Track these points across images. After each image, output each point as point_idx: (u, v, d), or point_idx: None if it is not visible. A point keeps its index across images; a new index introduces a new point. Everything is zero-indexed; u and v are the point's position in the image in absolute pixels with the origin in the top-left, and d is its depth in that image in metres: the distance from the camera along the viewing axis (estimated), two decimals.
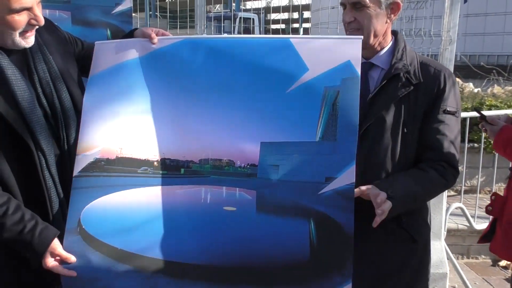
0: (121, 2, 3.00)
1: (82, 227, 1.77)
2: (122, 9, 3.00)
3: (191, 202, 1.83)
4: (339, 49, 1.79)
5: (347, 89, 1.75)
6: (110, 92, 1.88)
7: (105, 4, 2.97)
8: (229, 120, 1.84)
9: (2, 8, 1.61)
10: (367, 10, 1.83)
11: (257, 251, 1.75)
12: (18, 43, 1.70)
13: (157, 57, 1.91)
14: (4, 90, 1.68)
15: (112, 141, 1.85)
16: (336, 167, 1.72)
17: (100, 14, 2.96)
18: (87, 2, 2.94)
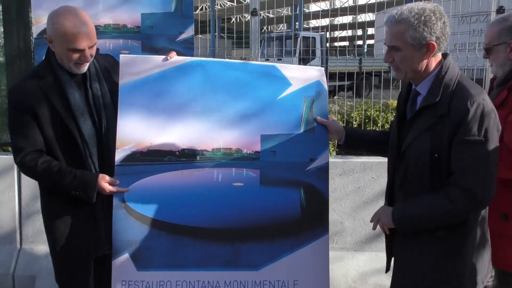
0: (184, 30, 3.30)
1: (126, 203, 2.38)
2: (185, 37, 3.30)
3: (206, 181, 2.43)
4: (310, 73, 2.54)
5: (319, 97, 2.51)
6: (139, 99, 2.43)
7: (171, 33, 3.29)
8: (235, 119, 2.47)
9: (64, 44, 2.24)
10: (401, 52, 1.98)
11: (261, 214, 2.43)
12: (72, 69, 2.32)
13: (175, 71, 2.47)
14: (63, 99, 2.31)
15: (143, 138, 2.42)
16: (316, 151, 2.48)
17: (166, 42, 3.29)
18: (155, 32, 3.28)
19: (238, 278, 2.41)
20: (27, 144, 2.29)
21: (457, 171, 1.91)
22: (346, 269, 3.69)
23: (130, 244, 2.37)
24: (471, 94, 1.90)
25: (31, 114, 2.27)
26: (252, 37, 3.72)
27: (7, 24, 3.60)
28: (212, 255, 2.40)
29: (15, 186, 3.72)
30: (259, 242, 2.42)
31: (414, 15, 1.92)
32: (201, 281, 2.39)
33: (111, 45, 3.29)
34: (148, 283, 2.37)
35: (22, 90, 2.30)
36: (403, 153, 2.08)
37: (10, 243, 3.75)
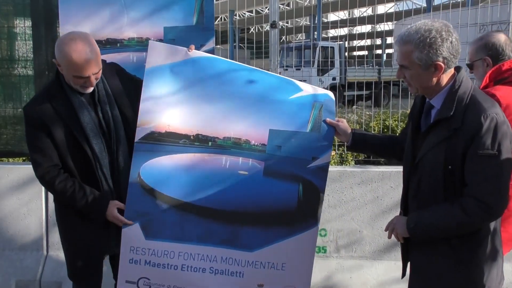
0: (205, 43, 3.37)
1: (141, 177, 2.57)
2: (206, 49, 3.34)
3: (215, 166, 2.62)
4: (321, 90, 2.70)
5: (328, 105, 2.64)
6: (161, 84, 2.58)
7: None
8: (248, 112, 2.63)
9: (70, 72, 2.38)
10: (410, 71, 2.05)
11: (261, 202, 2.61)
12: (80, 90, 2.46)
13: (196, 62, 2.63)
14: (75, 118, 2.46)
15: (162, 119, 2.58)
16: (318, 151, 2.62)
17: None
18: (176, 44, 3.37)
19: (233, 256, 2.63)
20: (44, 160, 2.46)
21: (471, 183, 1.96)
22: (365, 278, 3.71)
23: (141, 215, 2.57)
24: (484, 108, 1.94)
25: (45, 131, 2.43)
26: (271, 49, 3.80)
27: (36, 39, 3.75)
28: (213, 233, 2.62)
29: (42, 195, 3.85)
30: (256, 227, 2.63)
31: (420, 37, 1.96)
32: (201, 254, 2.62)
33: (134, 58, 3.40)
34: (154, 251, 2.59)
35: (35, 109, 2.46)
36: (417, 164, 2.13)
37: (38, 250, 3.87)
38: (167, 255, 2.60)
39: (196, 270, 2.61)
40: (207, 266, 2.62)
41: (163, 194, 2.58)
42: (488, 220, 2.02)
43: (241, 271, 2.64)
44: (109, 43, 3.35)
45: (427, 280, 2.16)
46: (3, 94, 3.89)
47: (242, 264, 2.64)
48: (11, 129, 3.93)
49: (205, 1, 3.37)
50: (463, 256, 2.06)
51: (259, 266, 2.64)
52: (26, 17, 3.76)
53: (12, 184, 3.84)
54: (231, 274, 2.64)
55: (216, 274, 2.63)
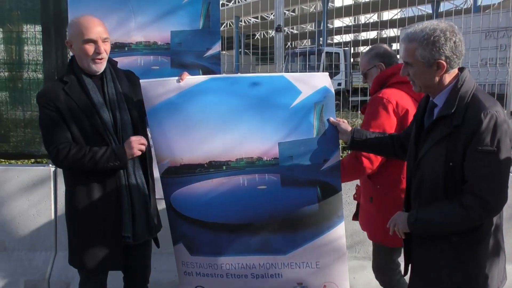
0: (211, 47, 3.47)
1: (172, 206, 2.79)
2: (212, 52, 3.48)
3: (234, 187, 2.72)
4: (316, 79, 2.69)
5: (328, 102, 2.68)
6: (165, 121, 2.67)
7: (198, 49, 3.47)
8: (253, 130, 2.68)
9: (79, 38, 2.51)
10: (414, 68, 2.11)
11: (284, 211, 2.73)
12: (92, 67, 2.57)
13: (193, 92, 2.66)
14: (85, 98, 2.56)
15: (175, 155, 2.71)
16: (328, 152, 2.69)
17: (194, 58, 3.47)
18: (183, 48, 3.46)
19: (269, 261, 2.81)
20: (58, 138, 2.54)
21: (470, 179, 2.00)
22: (368, 278, 3.74)
23: (182, 237, 2.85)
24: (485, 106, 1.98)
25: (58, 113, 2.53)
26: (276, 53, 3.86)
27: (46, 44, 3.83)
28: (246, 245, 2.79)
29: (52, 196, 3.92)
30: (284, 234, 2.76)
31: (424, 35, 2.03)
32: (240, 263, 2.82)
33: (142, 61, 3.48)
34: (201, 264, 2.86)
35: (49, 93, 2.58)
36: (419, 161, 2.18)
37: (46, 250, 3.95)
38: (212, 267, 2.84)
39: (239, 277, 2.85)
40: (248, 273, 2.84)
41: (193, 219, 2.79)
42: (487, 217, 2.05)
43: (279, 272, 2.82)
44: (117, 47, 3.44)
45: (428, 276, 2.20)
46: (14, 97, 3.98)
47: (279, 266, 2.81)
48: (21, 131, 4.01)
49: (211, 5, 3.45)
50: (463, 252, 2.09)
51: (295, 266, 2.80)
52: (36, 22, 3.86)
53: (22, 185, 3.91)
54: (271, 276, 2.83)
55: (257, 278, 2.84)
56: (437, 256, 2.15)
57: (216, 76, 2.83)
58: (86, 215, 2.63)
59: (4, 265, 3.89)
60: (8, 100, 4.02)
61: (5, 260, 3.90)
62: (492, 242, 2.12)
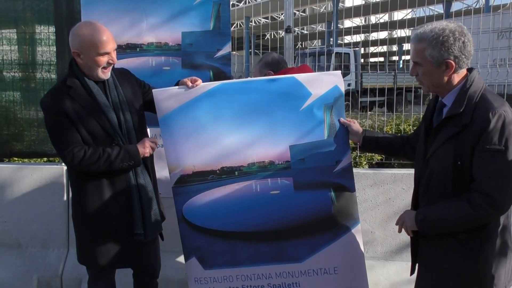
0: (222, 47, 3.50)
1: (185, 217, 2.76)
2: (222, 53, 3.51)
3: (246, 193, 2.71)
4: (328, 78, 2.70)
5: (338, 103, 2.69)
6: (176, 129, 2.69)
7: (209, 50, 3.50)
8: (264, 134, 2.69)
9: (93, 52, 2.54)
10: (423, 68, 2.14)
11: (298, 215, 2.70)
12: (100, 75, 2.62)
13: (203, 98, 2.68)
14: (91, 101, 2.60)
15: (187, 162, 2.71)
16: (340, 154, 2.69)
17: (204, 59, 3.50)
18: (194, 49, 3.50)
19: (286, 269, 2.75)
20: (70, 141, 2.57)
21: (478, 178, 2.02)
22: (377, 278, 3.77)
23: (194, 250, 2.78)
24: (493, 106, 2.01)
25: (65, 117, 2.55)
26: (286, 53, 3.89)
27: (59, 44, 3.90)
28: (261, 253, 2.74)
29: (64, 194, 3.98)
30: (300, 239, 2.72)
31: (433, 35, 2.05)
32: (256, 274, 2.77)
33: (153, 62, 3.53)
34: (215, 278, 2.79)
35: (54, 97, 2.60)
36: (427, 160, 2.20)
37: (59, 247, 4.01)
38: (227, 280, 2.79)
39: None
40: (264, 283, 2.78)
41: (207, 229, 2.75)
42: (494, 215, 2.07)
43: (296, 281, 2.77)
44: (129, 48, 3.48)
45: (435, 274, 2.22)
46: (27, 97, 4.05)
47: (296, 275, 2.75)
48: (34, 131, 4.07)
49: (222, 7, 3.48)
50: (470, 250, 2.11)
51: (312, 274, 2.75)
52: (50, 23, 3.92)
53: (35, 183, 3.98)
54: (288, 286, 2.77)
55: None
56: (444, 253, 2.17)
57: (226, 82, 2.83)
58: (96, 215, 2.67)
59: (17, 261, 3.96)
60: (22, 100, 4.08)
61: (18, 257, 3.97)
62: (500, 242, 2.14)
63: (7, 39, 3.97)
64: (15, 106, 4.09)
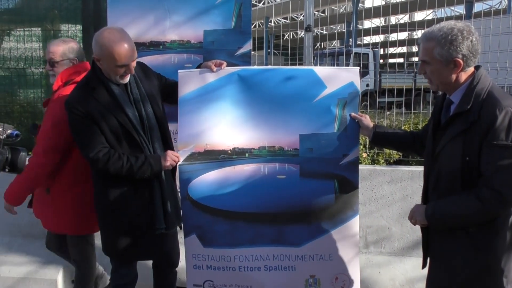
0: (242, 45, 3.53)
1: (189, 195, 2.80)
2: (243, 51, 3.53)
3: (254, 174, 2.82)
4: (345, 74, 2.80)
5: (351, 99, 2.77)
6: (195, 108, 2.78)
7: (230, 48, 3.53)
8: (277, 121, 2.80)
9: (111, 63, 2.60)
10: (431, 66, 2.19)
11: (301, 201, 2.80)
12: (118, 81, 2.68)
13: (224, 81, 2.79)
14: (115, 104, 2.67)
15: (200, 140, 2.79)
16: (348, 148, 2.78)
17: (225, 56, 3.49)
18: (216, 47, 3.54)
19: (284, 252, 2.85)
20: (94, 143, 2.64)
21: (486, 173, 2.07)
22: (394, 273, 3.81)
23: (196, 228, 2.84)
24: (500, 102, 2.06)
25: (91, 119, 2.63)
26: (306, 52, 3.95)
27: (86, 42, 4.02)
28: (261, 235, 2.84)
29: None
30: (300, 224, 2.83)
31: (442, 34, 2.11)
32: (254, 255, 2.85)
33: (176, 59, 3.59)
34: (213, 256, 2.85)
35: (78, 99, 2.66)
36: (436, 156, 2.25)
37: None
38: (225, 259, 2.86)
39: (252, 270, 2.87)
40: (261, 265, 2.86)
41: (210, 208, 2.83)
42: (503, 209, 2.11)
43: (292, 265, 2.86)
44: (152, 46, 3.55)
45: (446, 268, 2.26)
46: None
47: (293, 259, 2.86)
48: None
49: (243, 6, 3.53)
50: (480, 244, 2.15)
51: (308, 259, 2.86)
52: (77, 21, 4.04)
53: None
54: (284, 269, 2.87)
55: (270, 270, 2.87)
56: (455, 248, 2.21)
57: (247, 68, 2.93)
58: (119, 209, 2.75)
59: (44, 252, 4.06)
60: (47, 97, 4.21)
61: (44, 247, 4.09)
62: (509, 236, 2.17)
63: (36, 36, 4.10)
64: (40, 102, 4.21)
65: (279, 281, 2.86)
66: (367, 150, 4.68)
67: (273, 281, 2.86)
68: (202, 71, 2.82)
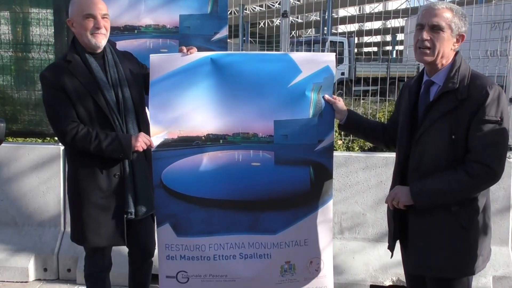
0: (219, 31, 3.52)
1: (163, 183, 2.73)
2: (219, 37, 3.53)
3: (229, 161, 2.77)
4: (321, 58, 2.78)
5: (327, 83, 2.74)
6: (166, 93, 2.70)
7: (206, 33, 3.52)
8: (251, 107, 2.74)
9: (79, 14, 2.60)
10: (442, 33, 2.21)
11: (276, 189, 2.77)
12: (91, 40, 2.64)
13: (197, 65, 2.70)
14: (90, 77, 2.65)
15: (174, 126, 2.72)
16: (323, 133, 2.75)
17: (202, 42, 3.50)
18: (191, 32, 3.51)
19: (259, 240, 2.81)
20: (65, 117, 2.61)
21: (475, 148, 2.13)
22: (368, 259, 3.87)
23: (169, 216, 2.77)
24: (488, 80, 2.16)
25: (63, 91, 2.59)
26: (282, 38, 3.93)
27: (57, 25, 3.93)
28: (237, 222, 2.80)
29: (61, 174, 4.03)
30: (276, 211, 2.80)
31: (458, 9, 2.20)
32: (229, 243, 2.81)
33: (151, 44, 3.54)
34: (187, 246, 2.79)
35: (53, 72, 2.65)
36: (418, 138, 2.27)
37: (55, 226, 4.07)
38: (199, 249, 2.79)
39: (227, 258, 2.82)
40: (236, 253, 2.82)
41: (185, 195, 2.77)
42: (491, 183, 2.18)
43: (268, 252, 2.82)
44: (127, 30, 3.49)
45: (426, 247, 2.29)
46: (26, 78, 4.08)
47: (268, 246, 2.82)
48: (32, 110, 4.11)
49: None
50: (464, 222, 2.21)
51: (284, 246, 2.83)
52: (48, 4, 3.94)
53: (32, 163, 4.03)
54: (259, 256, 2.82)
55: (246, 259, 2.82)
56: (437, 227, 2.25)
57: (220, 53, 2.86)
58: (88, 191, 2.70)
59: (14, 239, 4.01)
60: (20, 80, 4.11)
61: (16, 235, 4.03)
62: (487, 218, 2.27)
63: (5, 18, 3.99)
64: (11, 87, 4.11)
65: (254, 269, 2.83)
66: (342, 137, 4.72)
67: (248, 269, 2.83)
68: (174, 55, 2.75)
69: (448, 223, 2.23)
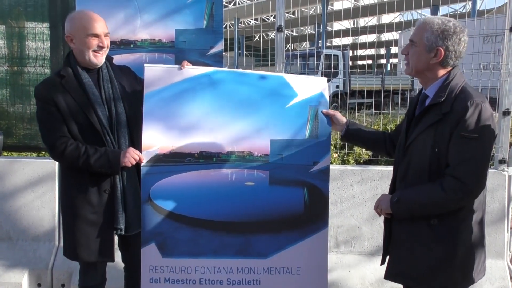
0: (214, 45, 3.55)
1: (152, 199, 2.68)
2: (215, 51, 3.56)
3: (221, 180, 2.73)
4: (315, 83, 2.81)
5: (322, 107, 2.76)
6: (161, 107, 2.69)
7: (202, 47, 3.54)
8: (247, 126, 2.74)
9: (83, 33, 2.60)
10: (414, 48, 2.25)
11: (269, 210, 2.73)
12: (92, 59, 2.65)
13: (193, 81, 2.71)
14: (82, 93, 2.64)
15: (166, 141, 2.69)
16: (319, 155, 2.75)
17: (197, 56, 3.53)
18: (187, 46, 3.54)
19: (249, 265, 2.74)
20: (55, 132, 2.62)
21: (452, 163, 2.14)
22: (363, 272, 3.86)
23: (155, 235, 2.70)
24: (472, 96, 2.15)
25: (55, 106, 2.60)
26: (277, 52, 3.96)
27: (53, 39, 3.94)
28: (227, 245, 2.73)
29: (56, 188, 4.01)
30: (268, 234, 2.74)
31: (438, 22, 2.19)
32: (217, 267, 2.73)
33: (147, 58, 3.57)
34: (172, 268, 2.71)
35: (46, 87, 2.67)
36: (407, 147, 2.31)
37: (50, 241, 4.03)
38: (185, 271, 2.72)
39: (213, 283, 2.73)
40: (224, 278, 2.74)
41: (174, 213, 2.70)
42: (465, 199, 2.17)
43: (257, 278, 2.75)
44: (123, 44, 3.52)
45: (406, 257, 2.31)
46: (21, 92, 4.08)
47: (258, 271, 2.75)
48: (27, 124, 4.10)
49: (215, 5, 3.54)
50: (440, 236, 2.21)
51: (275, 272, 2.75)
52: (44, 19, 3.95)
53: (27, 177, 4.01)
54: (248, 283, 2.75)
55: (233, 284, 2.74)
56: (415, 236, 2.27)
57: (217, 70, 2.86)
58: (78, 206, 2.69)
59: (8, 254, 3.98)
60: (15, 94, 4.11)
61: (10, 249, 3.99)
62: (473, 233, 2.24)
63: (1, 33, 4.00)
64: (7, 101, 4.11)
65: None
66: (338, 150, 4.73)
67: None
68: (170, 67, 2.76)
69: (426, 235, 2.24)
